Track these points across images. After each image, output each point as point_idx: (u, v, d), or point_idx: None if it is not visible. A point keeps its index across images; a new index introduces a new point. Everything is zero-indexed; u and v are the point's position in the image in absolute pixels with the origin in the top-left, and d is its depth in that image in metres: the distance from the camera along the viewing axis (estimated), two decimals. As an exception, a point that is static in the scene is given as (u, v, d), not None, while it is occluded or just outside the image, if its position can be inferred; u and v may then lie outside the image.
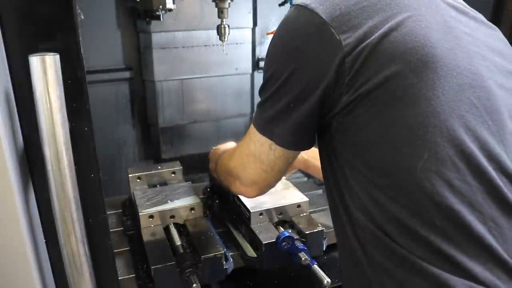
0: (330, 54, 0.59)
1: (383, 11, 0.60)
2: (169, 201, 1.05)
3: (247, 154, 0.75)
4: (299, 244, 0.95)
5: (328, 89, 0.61)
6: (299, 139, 0.70)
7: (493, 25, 0.73)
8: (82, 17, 0.61)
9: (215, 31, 1.25)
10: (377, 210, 0.61)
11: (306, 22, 0.62)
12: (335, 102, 0.62)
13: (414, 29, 0.59)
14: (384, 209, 0.61)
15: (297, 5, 0.64)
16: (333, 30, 0.59)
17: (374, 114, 0.60)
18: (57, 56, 0.52)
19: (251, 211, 1.00)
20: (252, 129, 0.73)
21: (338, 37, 0.59)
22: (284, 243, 0.94)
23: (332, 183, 0.70)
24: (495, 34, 0.72)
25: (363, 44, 0.58)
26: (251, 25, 1.38)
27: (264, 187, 0.79)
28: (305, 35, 0.62)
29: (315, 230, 0.98)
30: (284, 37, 0.65)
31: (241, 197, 1.05)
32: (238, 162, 0.79)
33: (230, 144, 1.07)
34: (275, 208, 1.02)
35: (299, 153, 0.75)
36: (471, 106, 0.59)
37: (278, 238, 0.95)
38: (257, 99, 1.71)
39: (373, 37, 0.58)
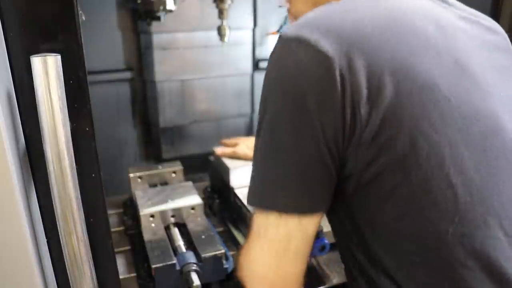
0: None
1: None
2: (169, 200, 1.06)
3: (251, 240, 0.61)
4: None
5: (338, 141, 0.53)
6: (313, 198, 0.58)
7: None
8: (83, 18, 0.62)
9: (215, 32, 1.26)
10: (401, 276, 0.57)
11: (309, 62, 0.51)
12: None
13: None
14: (409, 275, 0.57)
15: (296, 37, 0.52)
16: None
17: (400, 181, 0.53)
18: (59, 57, 0.52)
19: (253, 212, 1.00)
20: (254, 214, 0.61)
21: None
22: None
23: (344, 246, 0.64)
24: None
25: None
26: (251, 26, 1.38)
27: (278, 283, 0.59)
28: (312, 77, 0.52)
29: (315, 230, 0.98)
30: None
31: (242, 197, 1.06)
32: (245, 252, 0.62)
33: None
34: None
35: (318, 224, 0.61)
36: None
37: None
38: (257, 99, 1.71)
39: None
